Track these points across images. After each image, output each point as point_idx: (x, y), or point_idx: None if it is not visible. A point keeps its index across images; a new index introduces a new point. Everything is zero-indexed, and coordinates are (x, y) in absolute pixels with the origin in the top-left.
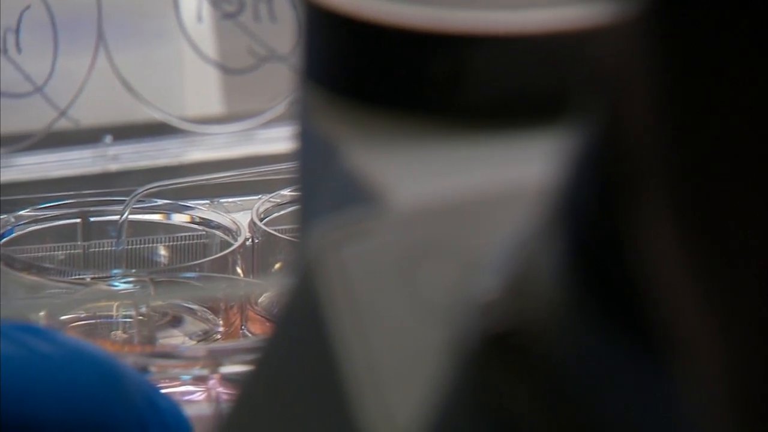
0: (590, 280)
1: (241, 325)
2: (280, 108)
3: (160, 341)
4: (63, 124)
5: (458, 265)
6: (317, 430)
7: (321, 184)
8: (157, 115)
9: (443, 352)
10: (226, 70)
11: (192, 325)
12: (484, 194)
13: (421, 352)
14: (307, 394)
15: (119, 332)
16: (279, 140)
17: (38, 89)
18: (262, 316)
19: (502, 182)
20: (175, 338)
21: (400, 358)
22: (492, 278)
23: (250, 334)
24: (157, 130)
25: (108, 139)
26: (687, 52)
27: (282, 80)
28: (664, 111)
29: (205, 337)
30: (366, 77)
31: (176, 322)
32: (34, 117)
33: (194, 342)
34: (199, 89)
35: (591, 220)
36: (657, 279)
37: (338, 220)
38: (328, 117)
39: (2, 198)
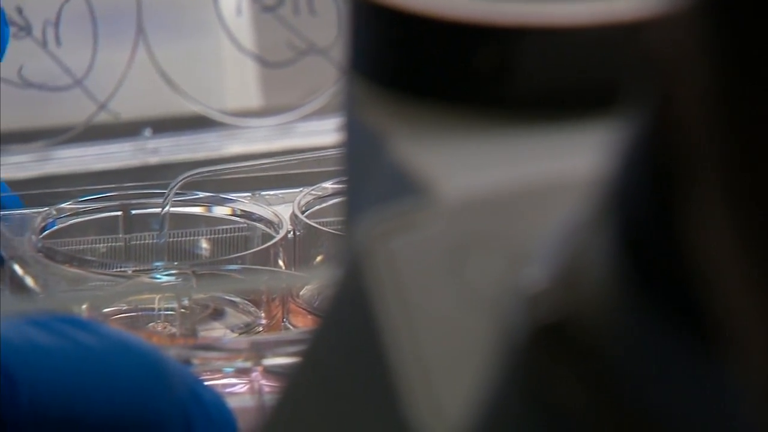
0: (641, 271)
1: (283, 318)
2: (320, 101)
3: (202, 334)
4: (103, 117)
5: (507, 256)
6: (364, 423)
7: (368, 177)
8: (197, 108)
9: (492, 344)
10: (265, 63)
11: (234, 317)
12: (532, 186)
13: (470, 344)
14: (354, 387)
15: (161, 325)
16: (318, 133)
17: (78, 82)
18: (303, 309)
19: (550, 174)
20: (217, 331)
21: (448, 350)
22: (541, 269)
23: (291, 327)
24: (197, 123)
25: (148, 132)
26: (740, 40)
27: (321, 73)
28: (717, 100)
29: (247, 329)
30: (413, 69)
31: (218, 314)
32: (74, 110)
33: (236, 334)
34: (239, 82)
35: (642, 210)
36: (710, 269)
37: (386, 212)
38: (375, 109)
39: (43, 191)
